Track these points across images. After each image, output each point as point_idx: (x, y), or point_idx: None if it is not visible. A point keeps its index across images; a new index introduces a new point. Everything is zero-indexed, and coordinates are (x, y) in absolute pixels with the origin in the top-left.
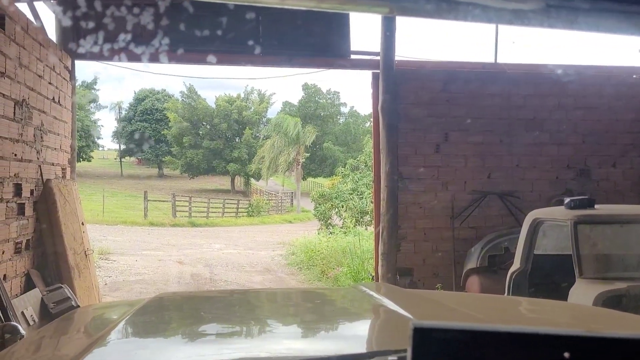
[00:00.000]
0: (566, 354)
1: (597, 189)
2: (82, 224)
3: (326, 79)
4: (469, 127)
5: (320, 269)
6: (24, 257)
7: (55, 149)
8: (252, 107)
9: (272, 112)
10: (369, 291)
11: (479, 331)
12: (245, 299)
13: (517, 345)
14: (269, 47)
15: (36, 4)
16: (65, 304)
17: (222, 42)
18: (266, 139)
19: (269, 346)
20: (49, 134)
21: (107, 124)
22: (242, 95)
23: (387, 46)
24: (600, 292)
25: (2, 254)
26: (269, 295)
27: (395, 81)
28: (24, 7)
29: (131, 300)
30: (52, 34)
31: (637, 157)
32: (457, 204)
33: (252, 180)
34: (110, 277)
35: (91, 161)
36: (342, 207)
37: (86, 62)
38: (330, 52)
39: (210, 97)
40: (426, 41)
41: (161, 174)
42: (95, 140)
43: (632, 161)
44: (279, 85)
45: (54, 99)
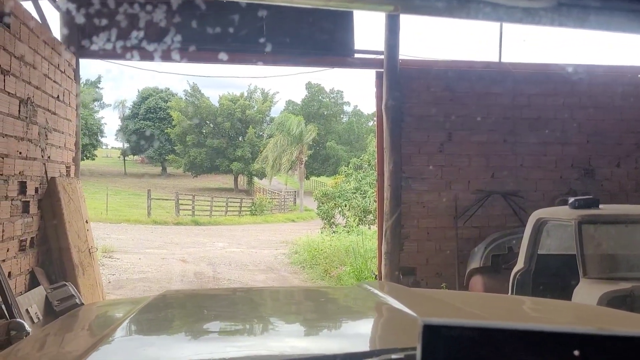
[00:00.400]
0: (576, 352)
1: (601, 188)
2: (86, 222)
3: (330, 77)
4: (473, 126)
5: (323, 268)
6: (29, 255)
7: (59, 147)
8: (256, 106)
9: (276, 111)
10: (373, 290)
11: (489, 328)
12: (250, 297)
13: (526, 342)
14: (273, 46)
15: (41, 2)
16: (69, 301)
17: (225, 41)
18: (269, 137)
19: (275, 344)
20: (54, 132)
21: (110, 122)
22: (245, 94)
23: (392, 45)
24: (604, 292)
25: (7, 251)
26: (274, 293)
27: (399, 80)
28: (29, 5)
29: (135, 298)
30: (56, 32)
31: None
32: (461, 203)
33: (255, 179)
34: (113, 275)
35: (95, 159)
36: (345, 206)
37: (90, 61)
38: (334, 51)
39: (213, 95)
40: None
41: (164, 173)
42: (99, 138)
43: (637, 161)
44: (283, 84)
45: (58, 97)
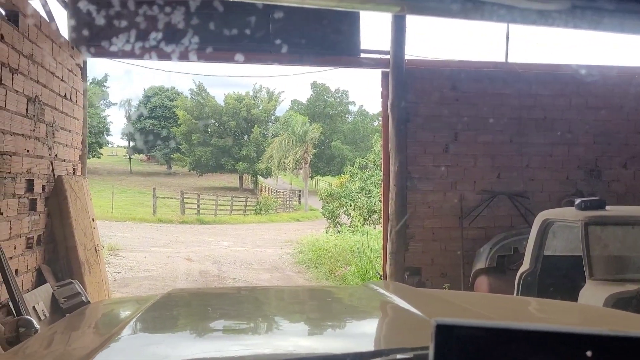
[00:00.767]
0: (588, 353)
1: (608, 190)
2: (93, 220)
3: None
4: (479, 126)
5: (328, 267)
6: (36, 253)
7: (66, 145)
8: (261, 105)
9: (281, 110)
10: (379, 289)
11: (502, 329)
12: (256, 296)
13: (538, 343)
14: (278, 45)
15: (49, 1)
16: (75, 299)
17: (231, 41)
18: (274, 137)
19: (282, 343)
20: (61, 130)
21: (116, 121)
22: (250, 93)
23: (397, 45)
24: (610, 293)
25: (14, 249)
26: (280, 292)
27: (405, 80)
28: (37, 4)
29: (141, 296)
30: (64, 31)
31: None
32: (466, 203)
33: (260, 178)
34: (119, 273)
35: (101, 158)
36: (350, 206)
37: (96, 59)
38: (340, 50)
39: (219, 95)
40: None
41: (170, 171)
42: (105, 137)
43: None
44: (288, 83)
45: (65, 95)
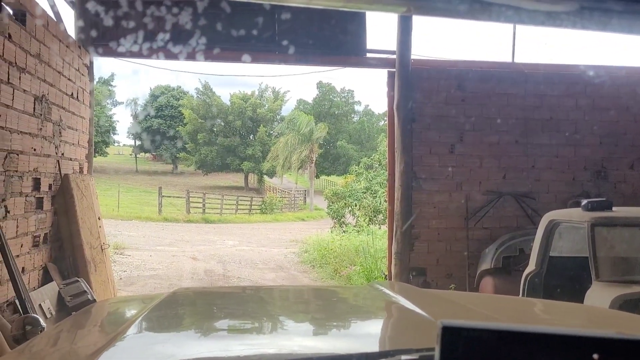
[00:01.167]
0: (595, 356)
1: (614, 191)
2: (99, 218)
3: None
4: (484, 127)
5: (333, 267)
6: (42, 251)
7: (73, 144)
8: (267, 105)
9: (287, 110)
10: (385, 290)
11: (508, 331)
12: (261, 296)
13: (545, 346)
14: (284, 44)
15: (56, 0)
16: (81, 297)
17: (236, 40)
18: (280, 136)
19: (287, 343)
20: (67, 129)
21: (123, 120)
22: (256, 92)
23: (403, 45)
24: (617, 295)
25: (21, 247)
26: (285, 292)
27: (410, 80)
28: (44, 3)
29: (146, 295)
30: (71, 30)
31: None
32: (472, 204)
33: (266, 177)
34: (125, 271)
35: (107, 157)
36: (356, 206)
37: (103, 58)
38: (346, 50)
39: (225, 94)
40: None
41: (176, 170)
42: (111, 135)
43: None
44: (294, 83)
45: (72, 94)
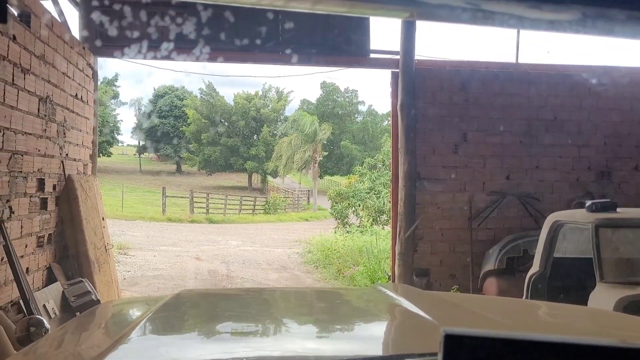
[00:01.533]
0: None
1: (619, 191)
2: (103, 218)
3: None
4: (488, 127)
5: (336, 267)
6: (46, 251)
7: (77, 144)
8: (270, 105)
9: (290, 110)
10: (388, 292)
11: (512, 340)
12: (265, 298)
13: (549, 354)
14: (290, 46)
15: (60, 1)
16: (85, 297)
17: (242, 41)
18: (283, 136)
19: (290, 345)
20: (72, 130)
21: (126, 120)
22: (260, 92)
23: (407, 46)
24: (621, 297)
25: (25, 247)
26: (288, 294)
27: (414, 80)
28: (48, 4)
29: (150, 296)
30: (75, 31)
31: None
32: (475, 205)
33: (269, 177)
34: (129, 271)
35: (111, 157)
36: (359, 206)
37: (107, 59)
38: (349, 50)
39: (228, 94)
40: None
41: (179, 171)
42: (115, 136)
43: None
44: (297, 83)
45: (76, 95)
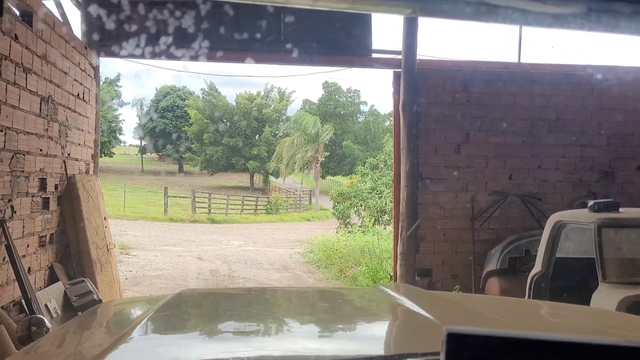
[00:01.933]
0: None
1: (621, 191)
2: (105, 218)
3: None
4: (490, 127)
5: (338, 267)
6: (48, 251)
7: (79, 144)
8: (272, 105)
9: (292, 110)
10: (390, 292)
11: (514, 338)
12: (266, 297)
13: (551, 353)
14: (291, 45)
15: (63, 1)
16: (87, 297)
17: (243, 40)
18: (285, 136)
19: (292, 345)
20: (74, 129)
21: (128, 120)
22: (262, 92)
23: (409, 45)
24: (623, 297)
25: (27, 247)
26: (290, 294)
27: (416, 80)
28: (50, 4)
29: (151, 296)
30: (77, 30)
31: None
32: (478, 205)
33: (271, 177)
34: (130, 271)
35: (113, 157)
36: (361, 206)
37: (109, 59)
38: (352, 50)
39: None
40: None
41: (181, 170)
42: (117, 136)
43: None
44: (299, 83)
45: (78, 95)
